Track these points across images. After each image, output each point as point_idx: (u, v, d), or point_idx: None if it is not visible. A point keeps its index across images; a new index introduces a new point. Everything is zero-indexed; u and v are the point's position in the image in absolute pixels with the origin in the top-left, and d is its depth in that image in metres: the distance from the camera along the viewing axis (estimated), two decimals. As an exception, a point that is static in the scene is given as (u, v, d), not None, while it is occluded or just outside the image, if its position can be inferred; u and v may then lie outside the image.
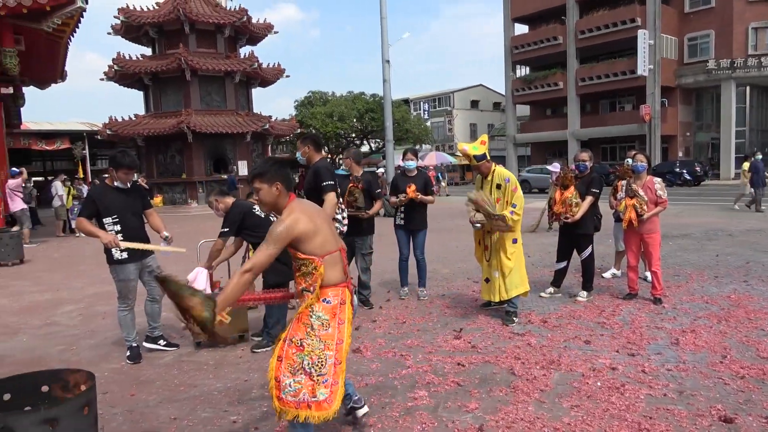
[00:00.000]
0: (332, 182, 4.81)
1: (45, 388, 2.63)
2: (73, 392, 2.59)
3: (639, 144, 32.86)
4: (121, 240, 4.33)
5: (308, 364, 2.59)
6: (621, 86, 34.68)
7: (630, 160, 6.11)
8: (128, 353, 4.53)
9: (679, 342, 4.40)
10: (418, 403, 3.47)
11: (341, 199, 5.34)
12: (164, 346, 4.73)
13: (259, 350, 4.62)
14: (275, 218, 4.76)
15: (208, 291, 4.05)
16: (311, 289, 2.66)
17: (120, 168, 4.36)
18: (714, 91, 33.48)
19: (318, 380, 2.59)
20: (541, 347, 4.41)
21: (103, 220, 4.33)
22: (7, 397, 2.55)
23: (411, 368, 4.08)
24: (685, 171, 27.25)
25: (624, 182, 5.85)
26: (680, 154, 34.26)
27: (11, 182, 12.79)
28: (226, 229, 4.59)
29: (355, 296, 2.88)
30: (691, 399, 3.39)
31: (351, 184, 5.71)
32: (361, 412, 3.18)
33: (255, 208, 4.69)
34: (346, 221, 5.22)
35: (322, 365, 2.61)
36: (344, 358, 2.69)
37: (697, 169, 27.58)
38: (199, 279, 4.52)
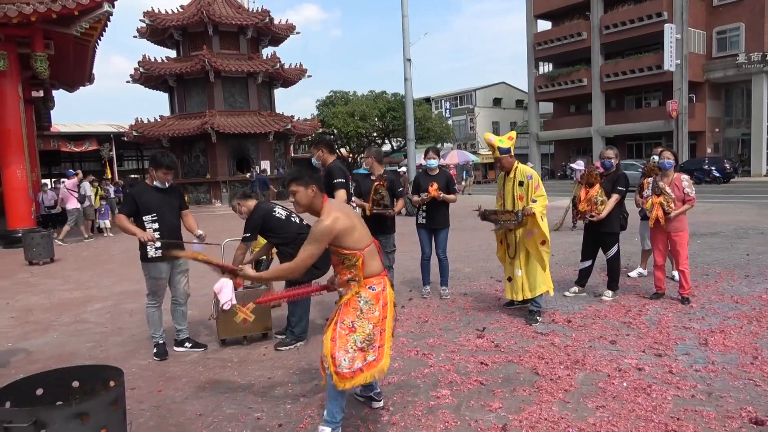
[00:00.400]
0: (343, 180, 4.95)
1: (76, 384, 2.70)
2: (102, 388, 2.65)
3: (665, 141, 32.25)
4: (157, 238, 4.44)
5: (360, 341, 2.90)
6: (647, 82, 34.08)
7: (656, 157, 6.00)
8: (155, 350, 4.62)
9: (707, 342, 4.31)
10: (440, 402, 3.46)
11: (353, 198, 5.40)
12: (191, 348, 4.78)
13: (282, 348, 4.66)
14: (295, 218, 4.81)
15: (234, 302, 4.12)
16: (356, 278, 2.98)
17: (159, 168, 4.47)
18: (744, 86, 32.65)
19: (369, 350, 2.92)
20: (565, 347, 4.36)
21: (143, 218, 4.44)
22: (39, 391, 2.62)
23: (433, 367, 4.07)
24: (714, 168, 26.57)
25: (650, 180, 5.75)
26: (709, 150, 33.49)
27: (68, 182, 13.79)
28: (247, 234, 4.65)
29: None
30: (720, 400, 3.32)
31: (376, 182, 5.73)
32: (375, 405, 3.43)
33: (275, 211, 4.72)
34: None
35: (372, 340, 2.94)
36: (389, 326, 3.02)
37: (727, 166, 26.92)
38: (225, 291, 4.60)
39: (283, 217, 4.73)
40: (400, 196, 5.98)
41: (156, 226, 4.45)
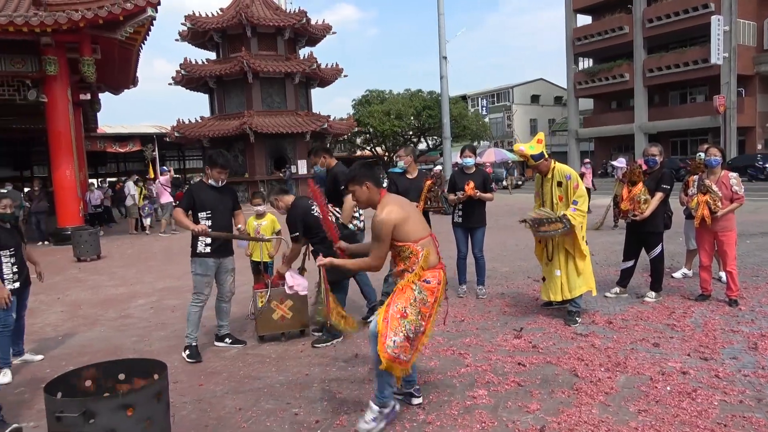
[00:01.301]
0: None
1: (122, 376, 2.80)
2: (147, 381, 2.73)
3: (712, 137, 31.07)
4: (209, 232, 4.55)
5: (409, 329, 3.01)
6: (692, 76, 32.89)
7: (702, 154, 5.80)
8: (188, 352, 4.60)
9: (757, 346, 4.14)
10: (477, 402, 3.44)
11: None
12: (230, 343, 4.87)
13: (319, 345, 4.71)
14: (331, 216, 4.80)
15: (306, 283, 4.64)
16: (410, 269, 3.08)
17: (215, 166, 4.63)
18: (798, 79, 31.22)
19: (413, 345, 3.06)
20: (605, 349, 4.27)
21: (198, 214, 4.59)
22: (88, 383, 2.73)
23: (470, 367, 4.04)
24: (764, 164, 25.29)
25: (696, 177, 5.55)
26: (759, 146, 32.13)
27: (162, 178, 15.00)
28: (296, 234, 4.74)
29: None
30: (772, 407, 3.18)
31: (429, 181, 5.81)
32: (415, 401, 3.44)
33: (313, 209, 4.74)
34: (362, 218, 5.41)
35: (417, 332, 3.05)
36: (429, 329, 3.12)
37: None
38: (297, 280, 4.88)
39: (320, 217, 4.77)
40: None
41: (209, 222, 4.57)
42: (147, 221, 15.45)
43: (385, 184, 5.66)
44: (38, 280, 4.93)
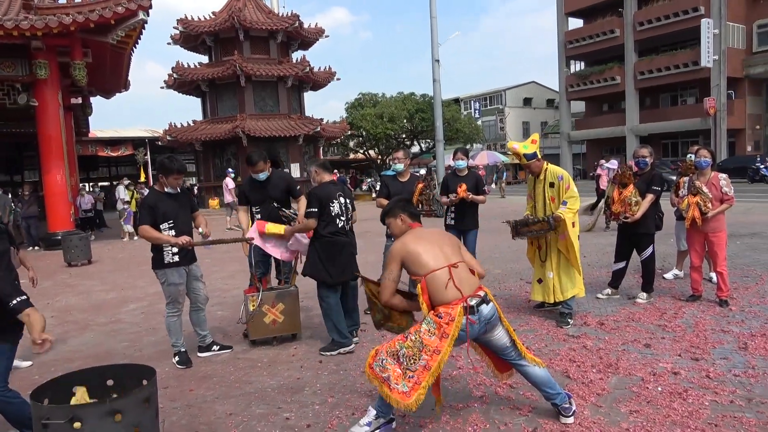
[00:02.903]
0: (314, 209, 4.60)
1: (110, 382, 2.76)
2: (135, 386, 2.71)
3: (703, 139, 31.32)
4: (195, 242, 4.48)
5: (403, 355, 2.92)
6: (683, 79, 33.16)
7: (692, 156, 5.83)
8: (177, 358, 4.54)
9: (747, 346, 4.16)
10: (469, 404, 3.43)
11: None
12: (218, 350, 4.80)
13: (325, 353, 4.56)
14: (342, 222, 4.67)
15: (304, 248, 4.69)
16: (423, 300, 3.04)
17: (170, 173, 4.38)
18: (787, 81, 31.52)
19: (405, 373, 2.90)
20: (597, 350, 4.27)
21: (160, 225, 4.37)
22: (75, 389, 2.70)
23: (462, 369, 4.04)
24: (762, 166, 24.72)
25: (686, 179, 5.58)
26: (749, 148, 32.38)
27: (228, 180, 15.59)
28: (313, 209, 4.48)
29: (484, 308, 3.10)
30: (762, 407, 3.19)
31: (421, 184, 5.80)
32: (564, 420, 3.13)
33: (333, 203, 4.55)
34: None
35: (413, 363, 2.90)
36: (436, 368, 2.89)
37: None
38: (299, 242, 4.80)
39: (333, 214, 4.57)
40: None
41: (173, 232, 4.40)
42: (128, 227, 14.82)
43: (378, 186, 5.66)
44: (30, 286, 4.87)
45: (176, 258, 4.43)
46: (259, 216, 4.95)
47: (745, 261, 7.37)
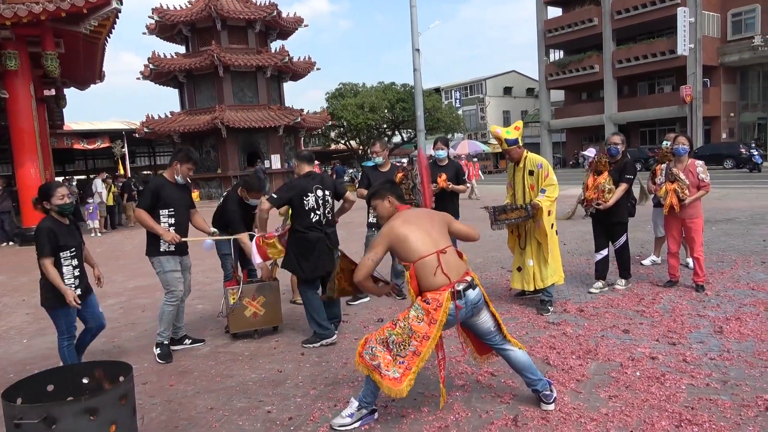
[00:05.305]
0: (274, 195, 4.57)
1: (86, 380, 2.72)
2: (112, 383, 2.66)
3: (679, 126, 31.75)
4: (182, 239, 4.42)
5: (393, 342, 2.96)
6: (660, 67, 33.54)
7: (668, 143, 5.88)
8: (158, 350, 4.47)
9: (722, 330, 4.25)
10: (450, 393, 3.44)
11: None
12: (190, 344, 4.76)
13: (308, 345, 4.54)
14: (318, 216, 4.62)
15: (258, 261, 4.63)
16: (411, 287, 3.02)
17: (188, 162, 4.44)
18: (760, 69, 32.07)
19: (396, 359, 2.94)
20: (577, 337, 4.32)
21: (160, 212, 4.37)
22: (50, 387, 2.65)
23: (443, 358, 4.04)
24: (756, 153, 23.89)
25: (663, 166, 5.64)
26: (723, 135, 32.94)
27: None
28: (274, 196, 4.44)
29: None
30: (736, 389, 3.26)
31: (401, 173, 5.69)
32: (545, 407, 3.15)
33: (308, 196, 4.47)
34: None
35: (403, 349, 2.94)
36: (426, 353, 2.94)
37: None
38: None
39: (307, 208, 4.48)
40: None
41: (171, 221, 4.41)
42: (93, 223, 14.46)
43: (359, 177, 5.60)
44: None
45: (172, 247, 4.41)
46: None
47: (720, 246, 7.51)
